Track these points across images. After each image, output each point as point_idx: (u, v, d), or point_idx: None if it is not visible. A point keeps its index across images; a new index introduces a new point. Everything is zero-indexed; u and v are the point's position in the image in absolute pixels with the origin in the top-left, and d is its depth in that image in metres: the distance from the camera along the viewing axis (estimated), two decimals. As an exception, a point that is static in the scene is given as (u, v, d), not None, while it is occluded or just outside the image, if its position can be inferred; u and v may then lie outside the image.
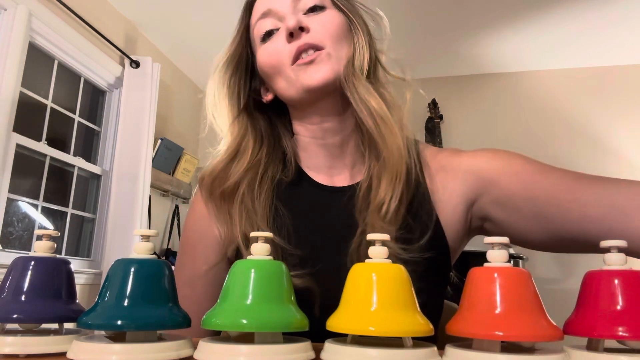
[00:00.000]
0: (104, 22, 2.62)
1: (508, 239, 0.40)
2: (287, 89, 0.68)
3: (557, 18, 2.70)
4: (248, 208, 0.66)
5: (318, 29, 0.66)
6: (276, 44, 0.67)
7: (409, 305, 0.40)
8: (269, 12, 0.68)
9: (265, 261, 0.43)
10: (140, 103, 2.72)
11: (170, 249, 3.14)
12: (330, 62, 0.64)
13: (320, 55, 0.64)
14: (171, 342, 0.40)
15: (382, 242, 0.43)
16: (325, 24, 0.66)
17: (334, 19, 0.67)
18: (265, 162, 0.71)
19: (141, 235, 0.44)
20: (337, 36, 0.66)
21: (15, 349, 0.40)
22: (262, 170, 0.70)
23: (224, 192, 0.67)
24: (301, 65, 0.65)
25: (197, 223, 0.72)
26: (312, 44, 0.64)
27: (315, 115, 0.70)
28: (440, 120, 3.31)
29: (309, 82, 0.64)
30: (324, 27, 0.66)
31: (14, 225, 2.20)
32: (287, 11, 0.67)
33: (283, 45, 0.66)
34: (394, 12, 3.26)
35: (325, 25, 0.66)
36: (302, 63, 0.64)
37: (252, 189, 0.68)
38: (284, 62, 0.66)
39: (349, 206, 0.66)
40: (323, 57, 0.64)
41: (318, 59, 0.64)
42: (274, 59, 0.67)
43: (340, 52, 0.66)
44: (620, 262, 0.40)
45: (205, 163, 0.78)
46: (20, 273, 0.45)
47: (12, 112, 2.01)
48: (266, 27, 0.68)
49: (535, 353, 0.38)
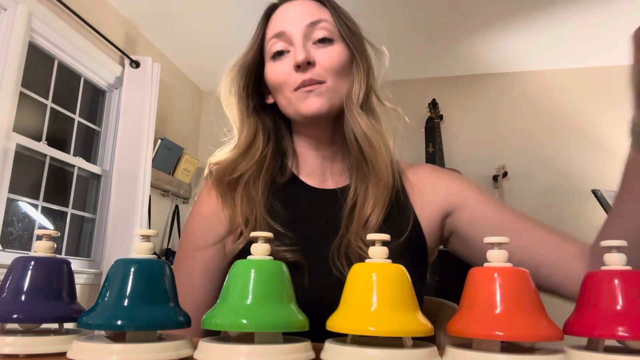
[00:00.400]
0: (104, 22, 2.62)
1: (508, 239, 0.40)
2: (286, 108, 0.76)
3: (557, 18, 2.70)
4: (249, 195, 0.75)
5: (323, 63, 0.72)
6: (283, 67, 0.73)
7: (409, 305, 0.40)
8: (282, 34, 0.74)
9: (265, 261, 0.43)
10: (140, 103, 2.72)
11: (170, 249, 3.14)
12: (327, 95, 0.72)
13: (320, 88, 0.71)
14: (171, 342, 0.40)
15: (382, 242, 0.43)
16: (330, 58, 0.73)
17: (339, 55, 0.74)
18: (269, 158, 0.79)
19: (141, 235, 0.44)
20: (339, 71, 0.73)
21: (15, 349, 0.40)
22: (265, 165, 0.78)
23: (231, 181, 0.76)
24: (301, 93, 0.72)
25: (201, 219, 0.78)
26: (315, 79, 0.71)
27: (311, 130, 0.78)
28: (440, 120, 3.31)
29: (305, 111, 0.72)
30: (329, 62, 0.72)
31: (14, 225, 2.20)
32: (299, 41, 0.72)
33: (289, 71, 0.72)
34: (394, 12, 3.24)
35: (330, 59, 0.73)
36: (302, 91, 0.72)
37: (254, 180, 0.76)
38: (287, 85, 0.73)
39: (336, 207, 0.75)
40: (322, 90, 0.72)
41: (317, 91, 0.71)
42: (280, 79, 0.74)
43: (338, 86, 0.73)
44: (621, 262, 0.40)
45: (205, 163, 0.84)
46: (20, 273, 0.45)
47: (12, 112, 2.02)
48: (277, 48, 0.75)
49: (535, 353, 0.38)
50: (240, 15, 2.74)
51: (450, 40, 2.98)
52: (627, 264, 0.40)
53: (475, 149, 3.26)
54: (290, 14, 0.75)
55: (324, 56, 0.72)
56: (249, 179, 0.75)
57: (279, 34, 0.74)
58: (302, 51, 0.71)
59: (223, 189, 0.76)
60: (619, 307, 0.37)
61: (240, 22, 2.83)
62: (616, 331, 0.36)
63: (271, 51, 0.75)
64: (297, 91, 0.72)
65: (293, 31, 0.73)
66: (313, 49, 0.73)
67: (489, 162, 3.17)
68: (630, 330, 0.36)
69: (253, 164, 0.76)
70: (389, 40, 0.90)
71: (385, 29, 2.76)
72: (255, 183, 0.76)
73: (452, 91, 3.39)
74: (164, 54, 3.22)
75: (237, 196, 0.75)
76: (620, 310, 0.37)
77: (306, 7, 0.75)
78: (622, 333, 0.36)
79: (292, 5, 0.76)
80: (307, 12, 0.75)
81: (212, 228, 0.76)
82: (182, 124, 3.45)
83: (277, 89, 0.75)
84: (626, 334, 0.36)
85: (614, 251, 0.40)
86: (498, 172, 3.09)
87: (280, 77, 0.73)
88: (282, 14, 0.77)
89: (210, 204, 0.77)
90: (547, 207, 3.06)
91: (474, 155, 3.25)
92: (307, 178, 0.80)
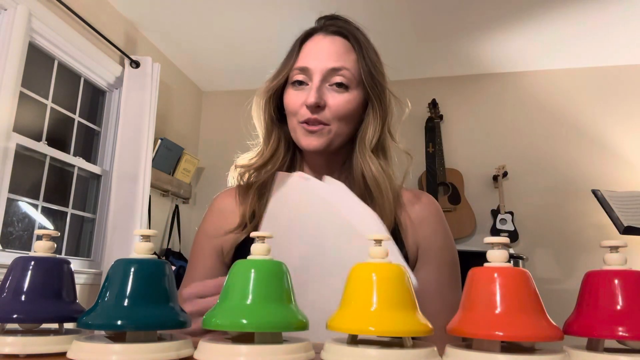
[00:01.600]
0: (104, 22, 2.62)
1: (508, 239, 0.40)
2: (292, 132, 0.83)
3: (558, 18, 2.70)
4: (261, 192, 0.84)
5: (332, 108, 0.78)
6: (297, 98, 0.80)
7: (409, 305, 0.40)
8: (305, 70, 0.80)
9: (265, 261, 0.43)
10: (140, 103, 2.71)
11: (170, 249, 3.14)
12: (328, 137, 0.79)
13: (323, 129, 0.78)
14: (171, 342, 0.40)
15: (382, 242, 0.43)
16: (340, 104, 0.78)
17: (349, 103, 0.79)
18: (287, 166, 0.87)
19: (141, 235, 0.44)
20: (345, 118, 0.79)
21: (15, 349, 0.40)
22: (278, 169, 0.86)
23: (250, 183, 0.86)
24: (303, 127, 0.79)
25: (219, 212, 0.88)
26: (320, 121, 0.78)
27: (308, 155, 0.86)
28: (440, 120, 3.31)
29: (304, 145, 0.80)
30: (338, 108, 0.78)
31: (14, 225, 2.20)
32: (316, 82, 0.78)
33: (301, 104, 0.79)
34: (394, 12, 3.24)
35: (339, 106, 0.78)
36: (306, 127, 0.78)
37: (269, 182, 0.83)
38: (296, 115, 0.80)
39: None
40: (324, 132, 0.78)
41: (319, 132, 0.78)
42: (292, 108, 0.80)
43: (341, 130, 0.80)
44: (621, 262, 0.40)
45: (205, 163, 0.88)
46: (21, 273, 0.45)
47: (12, 112, 2.01)
48: (298, 78, 0.81)
49: (535, 353, 0.38)
50: (241, 15, 2.74)
51: (450, 40, 2.98)
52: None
53: (475, 149, 3.26)
54: (318, 51, 0.80)
55: (334, 101, 0.78)
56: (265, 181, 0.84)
57: (303, 69, 0.80)
58: (315, 94, 0.76)
59: (243, 189, 0.86)
60: (619, 307, 0.37)
61: (241, 22, 2.83)
62: (616, 331, 0.36)
63: (292, 78, 0.81)
64: (302, 124, 0.79)
65: (314, 70, 0.78)
66: (327, 91, 0.79)
67: (489, 162, 3.17)
68: (630, 330, 0.36)
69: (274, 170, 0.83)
70: (389, 39, 0.91)
71: (385, 28, 2.76)
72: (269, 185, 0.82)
73: (452, 91, 3.38)
74: (164, 54, 3.22)
75: (251, 192, 0.84)
76: (620, 310, 0.37)
77: (334, 48, 0.80)
78: (622, 333, 0.36)
79: (323, 41, 0.81)
80: (333, 54, 0.79)
81: (226, 220, 0.84)
82: (182, 124, 3.45)
83: (289, 114, 0.82)
84: (626, 334, 0.36)
85: (613, 251, 0.40)
86: (498, 172, 3.09)
87: (293, 107, 0.80)
88: (311, 47, 0.81)
89: (230, 201, 0.87)
90: (547, 207, 3.06)
91: (474, 155, 3.24)
92: None
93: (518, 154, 3.18)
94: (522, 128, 3.23)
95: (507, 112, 3.29)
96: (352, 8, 2.77)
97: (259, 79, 0.89)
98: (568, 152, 3.12)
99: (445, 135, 3.28)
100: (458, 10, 2.68)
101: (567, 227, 3.00)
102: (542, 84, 3.26)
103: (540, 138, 3.19)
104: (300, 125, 0.79)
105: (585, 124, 3.14)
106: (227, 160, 0.93)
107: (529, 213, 3.07)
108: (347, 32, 0.82)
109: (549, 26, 2.78)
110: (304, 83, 0.80)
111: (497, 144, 3.24)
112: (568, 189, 3.05)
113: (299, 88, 0.80)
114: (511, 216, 3.04)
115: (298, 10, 2.64)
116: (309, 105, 0.76)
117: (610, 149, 3.06)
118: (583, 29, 2.79)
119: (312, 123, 0.77)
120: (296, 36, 0.85)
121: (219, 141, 3.55)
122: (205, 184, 3.54)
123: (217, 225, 0.85)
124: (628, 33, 2.81)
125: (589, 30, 2.80)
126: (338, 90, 0.78)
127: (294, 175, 0.74)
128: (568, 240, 2.97)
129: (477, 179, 3.20)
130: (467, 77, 3.39)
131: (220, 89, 3.71)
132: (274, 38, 2.91)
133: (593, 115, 3.13)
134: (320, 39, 0.82)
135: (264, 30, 2.87)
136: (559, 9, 2.61)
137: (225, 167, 0.91)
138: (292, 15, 2.70)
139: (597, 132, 3.11)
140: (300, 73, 0.80)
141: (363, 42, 0.82)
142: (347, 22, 0.84)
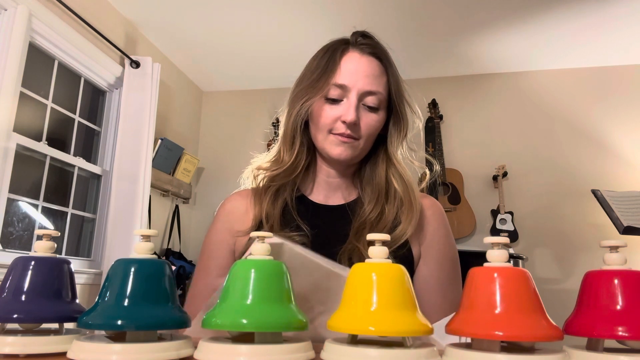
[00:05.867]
0: (104, 22, 2.62)
1: (508, 239, 0.40)
2: (318, 142, 0.87)
3: (557, 18, 2.70)
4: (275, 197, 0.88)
5: (364, 126, 0.84)
6: (332, 113, 0.84)
7: (409, 305, 0.40)
8: (343, 87, 0.84)
9: (265, 261, 0.43)
10: (140, 103, 2.71)
11: (170, 249, 3.14)
12: (356, 149, 0.85)
13: (353, 143, 0.85)
14: (171, 342, 0.40)
15: (382, 242, 0.43)
16: (370, 124, 0.85)
17: (378, 123, 0.86)
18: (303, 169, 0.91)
19: (141, 235, 0.44)
20: (373, 135, 0.87)
21: (15, 349, 0.40)
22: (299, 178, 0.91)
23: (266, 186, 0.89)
24: (336, 139, 0.84)
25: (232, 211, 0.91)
26: (353, 136, 0.84)
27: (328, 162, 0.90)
28: (440, 120, 3.31)
29: (333, 153, 0.85)
30: (369, 126, 0.85)
31: (14, 225, 2.20)
32: (353, 101, 0.82)
33: (336, 118, 0.83)
34: (394, 12, 3.23)
35: (370, 125, 0.85)
36: (339, 138, 0.84)
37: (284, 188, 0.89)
38: (327, 127, 0.84)
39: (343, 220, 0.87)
40: (354, 145, 0.85)
41: (349, 144, 0.84)
42: (325, 122, 0.84)
43: (367, 145, 0.87)
44: (620, 262, 0.40)
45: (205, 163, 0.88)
46: (21, 273, 0.45)
47: (12, 112, 2.01)
48: (334, 95, 0.84)
49: (535, 353, 0.38)
50: (241, 15, 2.74)
51: (450, 40, 2.98)
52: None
53: (475, 149, 3.26)
54: (356, 71, 0.84)
55: (366, 120, 0.84)
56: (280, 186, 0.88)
57: (341, 86, 0.84)
58: (354, 113, 0.82)
59: (259, 192, 0.89)
60: (619, 307, 0.37)
61: (241, 23, 2.83)
62: (616, 331, 0.36)
63: (328, 94, 0.85)
64: (333, 135, 0.84)
65: (352, 89, 0.83)
66: (361, 109, 0.84)
67: (489, 162, 3.17)
68: (630, 330, 0.36)
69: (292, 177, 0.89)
70: (389, 39, 0.91)
71: (385, 28, 2.76)
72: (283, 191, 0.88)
73: (452, 91, 3.38)
74: (164, 54, 3.22)
75: (266, 196, 0.88)
76: (619, 310, 0.37)
77: (371, 70, 0.85)
78: (622, 333, 0.36)
79: (360, 61, 0.85)
80: (370, 76, 0.84)
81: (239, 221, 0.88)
82: (182, 124, 3.45)
83: (318, 126, 0.86)
84: (626, 334, 0.36)
85: (613, 251, 0.40)
86: (498, 172, 3.09)
87: (326, 121, 0.84)
88: (349, 67, 0.85)
89: (244, 202, 0.90)
90: (547, 207, 3.06)
91: (474, 155, 3.24)
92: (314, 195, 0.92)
93: (518, 154, 3.18)
94: (522, 128, 3.23)
95: (507, 112, 3.29)
96: (352, 8, 2.77)
97: (259, 79, 0.89)
98: (568, 152, 3.12)
99: (445, 135, 3.28)
100: (458, 11, 2.68)
101: (567, 227, 3.00)
102: (542, 84, 3.26)
103: (540, 138, 3.19)
104: (330, 136, 0.84)
105: (585, 124, 3.14)
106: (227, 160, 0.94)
107: (528, 213, 3.07)
108: (381, 53, 0.87)
109: (549, 26, 2.78)
110: (337, 101, 0.84)
111: (497, 144, 3.24)
112: (568, 189, 3.05)
113: (333, 104, 0.84)
114: (511, 216, 3.04)
115: (298, 10, 2.64)
116: (348, 122, 0.81)
117: (610, 149, 3.06)
118: (583, 29, 2.79)
119: (346, 136, 0.83)
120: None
121: (219, 141, 3.55)
122: (205, 184, 3.54)
123: (230, 226, 0.88)
124: (628, 33, 2.81)
125: (589, 30, 2.80)
126: (370, 111, 0.85)
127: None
128: (568, 240, 2.97)
129: (477, 179, 3.20)
130: (467, 77, 3.39)
131: (220, 89, 3.71)
132: (274, 38, 2.91)
133: (593, 115, 3.13)
134: (357, 58, 0.86)
135: (264, 30, 2.87)
136: (559, 9, 2.61)
137: (225, 167, 0.91)
138: (292, 16, 2.70)
139: (597, 132, 3.11)
140: (337, 89, 0.84)
141: (392, 63, 0.89)
142: (378, 42, 0.89)
